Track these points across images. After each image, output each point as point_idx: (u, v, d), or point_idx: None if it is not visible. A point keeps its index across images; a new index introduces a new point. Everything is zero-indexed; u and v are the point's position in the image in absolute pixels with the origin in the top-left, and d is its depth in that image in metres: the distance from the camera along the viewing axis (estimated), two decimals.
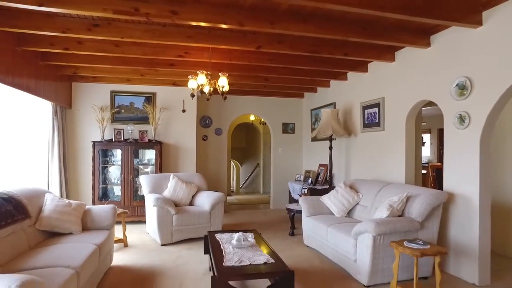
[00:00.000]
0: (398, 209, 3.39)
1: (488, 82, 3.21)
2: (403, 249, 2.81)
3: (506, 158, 4.32)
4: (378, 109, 4.85)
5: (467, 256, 3.35)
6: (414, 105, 4.20)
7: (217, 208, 4.78)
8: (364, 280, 3.16)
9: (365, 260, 3.14)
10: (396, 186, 3.92)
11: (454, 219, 3.52)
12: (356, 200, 4.33)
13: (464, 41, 3.46)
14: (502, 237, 4.22)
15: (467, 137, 3.41)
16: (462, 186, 3.45)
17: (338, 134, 5.37)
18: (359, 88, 5.35)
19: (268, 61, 4.63)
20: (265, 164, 10.46)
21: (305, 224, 4.49)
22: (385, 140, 4.70)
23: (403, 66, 4.37)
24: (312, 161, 7.13)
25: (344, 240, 3.48)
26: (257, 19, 3.27)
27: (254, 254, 2.86)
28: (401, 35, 3.75)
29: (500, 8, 3.07)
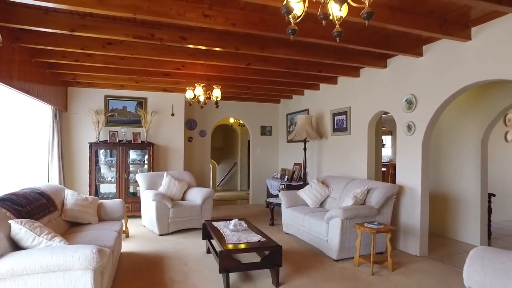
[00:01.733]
0: (361, 199, 4.24)
1: (427, 99, 4.14)
2: (364, 229, 3.65)
3: (442, 157, 5.33)
4: (346, 116, 5.72)
5: (412, 234, 4.28)
6: (374, 114, 5.10)
7: (207, 202, 5.46)
8: (334, 255, 3.98)
9: (335, 239, 3.96)
10: (359, 181, 4.79)
11: (403, 206, 4.44)
12: (327, 193, 5.16)
13: (411, 66, 4.38)
14: (439, 220, 5.24)
15: (413, 142, 4.33)
16: (409, 180, 4.37)
17: (311, 137, 6.21)
18: (330, 97, 6.22)
19: (252, 74, 5.35)
20: (242, 163, 11.18)
21: (284, 214, 5.27)
22: (351, 143, 5.58)
23: (366, 82, 5.26)
24: (288, 160, 7.95)
25: (318, 225, 4.29)
26: (250, 45, 4.00)
27: (248, 235, 3.59)
28: (364, 58, 4.62)
29: (435, 44, 4.01)
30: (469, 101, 4.97)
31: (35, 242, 2.43)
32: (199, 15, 3.18)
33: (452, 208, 5.16)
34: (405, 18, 3.22)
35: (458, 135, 5.13)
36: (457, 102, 4.91)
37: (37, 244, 2.43)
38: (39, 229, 2.49)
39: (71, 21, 3.40)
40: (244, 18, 3.31)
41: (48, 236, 2.48)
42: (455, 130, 5.17)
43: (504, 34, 3.29)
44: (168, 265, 3.81)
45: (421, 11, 3.23)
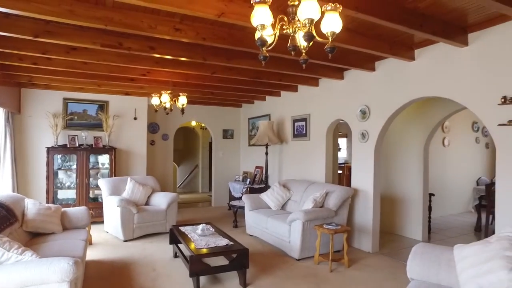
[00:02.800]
0: (320, 202, 4.58)
1: (379, 110, 4.58)
2: (323, 230, 3.97)
3: (391, 162, 5.87)
4: (306, 122, 6.07)
5: (365, 233, 4.70)
6: (332, 122, 5.49)
7: (172, 206, 5.53)
8: (296, 255, 4.27)
9: (296, 240, 4.25)
10: (318, 185, 5.14)
11: (357, 207, 4.86)
12: (288, 196, 5.46)
13: (365, 80, 4.80)
14: (389, 219, 5.77)
15: (366, 149, 4.76)
16: (363, 183, 4.79)
17: (273, 142, 6.49)
18: (290, 104, 6.54)
19: (217, 81, 5.51)
20: (204, 166, 11.25)
21: (248, 217, 5.49)
22: (310, 148, 5.94)
23: (324, 91, 5.63)
24: (249, 163, 8.19)
25: (281, 227, 4.56)
26: (217, 56, 4.16)
27: (216, 239, 3.76)
28: (323, 70, 4.97)
29: (386, 61, 4.45)
30: (414, 112, 5.53)
31: (4, 258, 2.40)
32: (171, 29, 3.29)
33: (399, 208, 5.70)
34: (360, 40, 3.57)
35: (405, 143, 5.68)
36: (403, 113, 5.43)
37: (6, 259, 2.40)
38: (8, 244, 2.47)
39: (35, 27, 3.32)
40: (213, 33, 3.47)
41: (18, 250, 2.46)
42: (402, 138, 5.72)
43: (439, 58, 3.79)
44: (136, 271, 3.86)
45: (373, 34, 3.61)
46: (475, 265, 2.17)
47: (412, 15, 3.04)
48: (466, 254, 2.30)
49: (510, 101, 3.20)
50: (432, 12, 3.09)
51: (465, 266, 2.24)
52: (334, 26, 1.87)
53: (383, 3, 2.85)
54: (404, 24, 3.00)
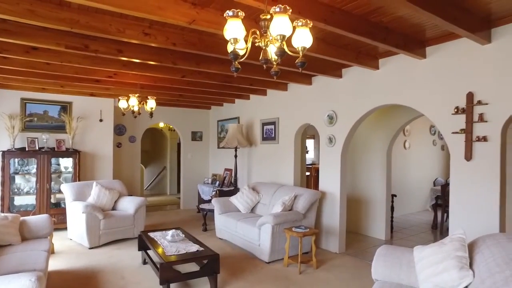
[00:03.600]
0: (289, 205, 4.68)
1: (346, 115, 4.76)
2: (292, 233, 4.07)
3: (357, 164, 6.12)
4: (274, 126, 6.17)
5: (332, 234, 4.87)
6: (300, 126, 5.62)
7: (140, 211, 5.41)
8: (266, 258, 4.34)
9: (266, 243, 4.33)
10: (287, 188, 5.25)
11: (325, 209, 5.02)
12: (257, 199, 5.53)
13: (332, 86, 4.97)
14: (354, 219, 6.01)
15: (333, 153, 4.93)
16: (330, 186, 4.96)
17: (242, 145, 6.54)
18: (260, 107, 6.62)
19: (186, 84, 5.46)
20: (172, 167, 11.08)
21: (217, 220, 5.50)
22: (279, 151, 6.05)
23: (293, 96, 5.76)
24: (218, 165, 8.18)
25: (250, 230, 4.61)
26: (187, 60, 4.14)
27: (186, 245, 3.74)
28: (292, 75, 5.07)
29: (352, 69, 4.64)
30: (378, 118, 5.79)
31: None
32: (139, 33, 3.23)
33: (364, 208, 5.95)
34: (327, 49, 3.70)
35: (369, 147, 5.94)
36: (368, 118, 5.66)
37: None
38: None
39: None
40: (183, 38, 3.46)
41: None
42: (367, 142, 5.98)
43: (401, 68, 4.01)
44: (104, 280, 3.76)
45: (340, 44, 3.76)
46: (431, 265, 2.34)
47: (377, 28, 3.20)
48: (424, 255, 2.47)
49: (462, 111, 3.46)
50: (394, 26, 3.27)
51: (423, 266, 2.40)
52: (305, 41, 1.94)
53: (350, 17, 2.98)
54: (368, 37, 3.15)
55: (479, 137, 3.34)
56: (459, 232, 2.46)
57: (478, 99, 3.36)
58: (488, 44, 3.30)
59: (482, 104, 3.32)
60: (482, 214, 3.31)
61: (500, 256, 2.01)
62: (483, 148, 3.33)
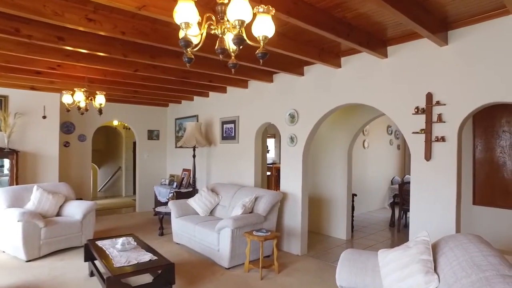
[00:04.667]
0: (249, 207, 4.49)
1: (307, 114, 4.66)
2: (253, 237, 3.89)
3: (318, 164, 6.08)
4: (234, 125, 5.96)
5: (294, 236, 4.76)
6: (261, 125, 5.46)
7: (89, 216, 4.95)
8: (226, 264, 4.12)
9: (226, 248, 4.10)
10: (247, 189, 5.06)
11: (286, 211, 4.89)
12: (216, 201, 5.29)
13: (294, 84, 4.85)
14: (315, 220, 5.96)
15: (295, 152, 4.81)
16: (291, 187, 4.84)
17: (201, 145, 6.25)
18: (219, 105, 6.37)
19: (140, 80, 5.08)
20: (127, 168, 10.48)
21: (174, 224, 5.18)
22: (239, 151, 5.85)
23: (254, 94, 5.58)
24: (176, 166, 7.82)
25: (209, 234, 4.36)
26: (139, 53, 3.79)
27: (138, 254, 3.42)
28: (253, 72, 4.88)
29: (314, 67, 4.54)
30: (339, 117, 5.78)
31: None
32: (82, 18, 2.86)
33: (325, 208, 5.92)
34: (290, 44, 3.55)
35: (330, 146, 5.91)
36: (330, 118, 5.63)
37: None
38: None
39: None
40: (134, 27, 3.13)
41: None
42: (328, 142, 5.95)
43: (363, 67, 3.97)
44: None
45: (303, 40, 3.62)
46: (396, 270, 2.25)
47: (340, 24, 3.09)
48: (389, 259, 2.38)
49: (422, 111, 3.47)
50: (358, 23, 3.19)
51: (388, 271, 2.31)
52: (267, 30, 1.75)
53: (314, 10, 2.84)
54: (332, 32, 3.03)
55: (437, 137, 3.36)
56: (423, 235, 2.40)
57: (436, 99, 3.37)
58: (446, 46, 3.32)
59: (441, 104, 3.34)
60: (441, 213, 3.33)
61: (464, 260, 1.95)
62: (441, 148, 3.35)
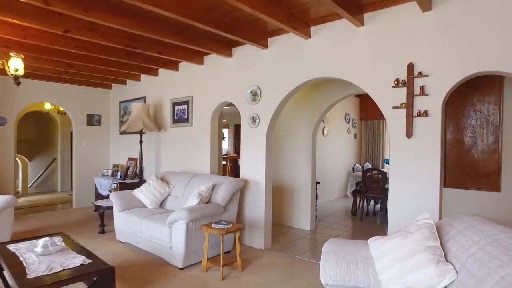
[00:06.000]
0: (206, 197, 3.90)
1: (272, 91, 4.15)
2: (212, 230, 3.30)
3: (280, 149, 5.63)
4: (188, 106, 5.28)
5: (256, 228, 4.25)
6: (218, 105, 4.85)
7: (5, 214, 4.00)
8: (179, 263, 3.49)
9: (179, 245, 3.48)
10: (203, 177, 4.45)
11: (248, 200, 4.36)
12: (168, 191, 4.61)
13: (256, 57, 4.31)
14: (278, 210, 5.51)
15: (257, 134, 4.29)
16: (254, 173, 4.32)
17: (149, 129, 5.49)
18: (170, 85, 5.64)
19: (74, 47, 4.21)
20: (64, 159, 9.26)
21: (117, 220, 4.42)
22: (193, 135, 5.19)
23: (210, 70, 4.94)
24: (121, 154, 6.92)
25: (159, 229, 3.70)
26: (68, 2, 2.99)
27: (66, 258, 2.67)
28: (210, 43, 4.26)
29: (279, 38, 4.04)
30: (303, 98, 5.36)
31: None
32: None
33: (287, 198, 5.49)
34: (256, 0, 2.99)
35: (293, 130, 5.48)
36: (292, 100, 5.20)
37: None
38: None
39: None
40: None
41: None
42: (291, 125, 5.51)
43: (336, 37, 3.55)
44: None
45: None
46: (397, 262, 1.83)
47: None
48: (385, 249, 1.96)
49: (403, 84, 3.12)
50: None
51: (386, 264, 1.89)
52: None
53: None
54: None
55: (420, 112, 3.03)
56: (425, 217, 2.01)
57: (419, 70, 3.04)
58: (428, 11, 3.00)
59: (423, 76, 3.01)
60: (423, 195, 3.03)
61: (487, 244, 1.56)
62: (424, 124, 3.03)
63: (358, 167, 7.09)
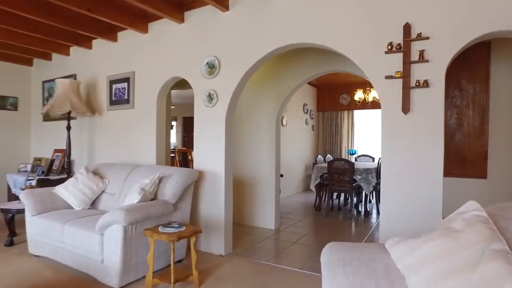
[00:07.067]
0: (151, 192, 3.05)
1: (233, 63, 3.41)
2: (159, 236, 2.47)
3: (240, 137, 4.89)
4: (128, 84, 4.33)
5: (215, 230, 3.48)
6: (166, 81, 3.98)
7: None
8: (115, 282, 2.61)
9: (114, 258, 2.60)
10: (147, 168, 3.58)
11: (203, 195, 3.58)
12: (101, 187, 3.65)
13: (214, 21, 3.53)
14: (238, 208, 4.78)
15: (215, 115, 3.52)
16: (210, 162, 3.54)
17: (79, 111, 4.43)
18: (107, 59, 4.62)
19: None
20: None
21: (30, 226, 3.37)
22: (136, 119, 4.26)
23: (157, 40, 4.05)
24: (46, 146, 5.68)
25: (86, 238, 2.78)
26: None
27: None
28: (157, 4, 3.39)
29: None
30: (267, 75, 4.69)
31: None
32: None
33: (248, 193, 4.78)
34: None
35: (255, 114, 4.77)
36: (255, 77, 4.50)
37: None
38: None
39: None
40: None
41: None
42: (252, 108, 4.80)
43: None
44: None
45: None
46: (449, 278, 1.21)
47: None
48: (422, 258, 1.33)
49: (398, 49, 2.57)
50: None
51: (430, 278, 1.26)
52: None
53: None
54: None
55: (419, 82, 2.50)
56: (471, 207, 1.41)
57: (417, 31, 2.51)
58: None
59: (423, 38, 2.48)
60: (423, 184, 2.50)
61: None
62: (424, 97, 2.50)
63: (321, 158, 6.62)
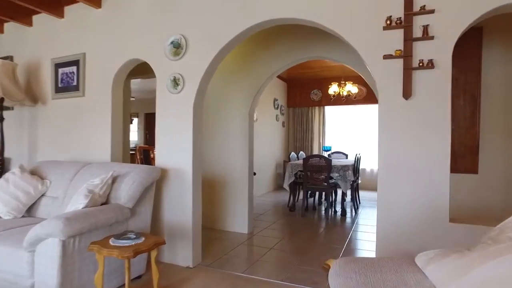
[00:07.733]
0: (102, 195, 2.48)
1: (203, 42, 2.92)
2: (110, 252, 1.92)
3: (209, 131, 4.37)
4: (78, 68, 3.67)
5: (181, 237, 2.95)
6: (123, 64, 3.38)
7: None
8: None
9: (49, 280, 2.01)
10: (99, 166, 2.98)
11: (167, 197, 3.04)
12: (40, 190, 3.00)
13: None
14: (207, 210, 4.26)
15: (181, 102, 3.01)
16: (176, 158, 3.02)
17: (14, 99, 3.69)
18: (52, 38, 3.91)
19: None
20: None
21: None
22: (87, 109, 3.62)
23: (112, 15, 3.44)
24: None
25: (10, 256, 2.16)
26: None
27: None
28: None
29: None
30: (239, 61, 4.21)
31: None
32: None
33: (219, 193, 4.28)
34: None
35: (225, 105, 4.28)
36: (226, 62, 4.02)
37: None
38: None
39: None
40: None
41: None
42: (222, 99, 4.30)
43: None
44: None
45: None
46: None
47: None
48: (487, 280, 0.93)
49: (399, 24, 2.22)
50: None
51: None
52: None
53: None
54: None
55: (423, 62, 2.15)
56: None
57: (421, 4, 2.17)
58: None
59: (427, 12, 2.15)
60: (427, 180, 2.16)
61: None
62: (428, 79, 2.17)
63: (294, 155, 6.25)
